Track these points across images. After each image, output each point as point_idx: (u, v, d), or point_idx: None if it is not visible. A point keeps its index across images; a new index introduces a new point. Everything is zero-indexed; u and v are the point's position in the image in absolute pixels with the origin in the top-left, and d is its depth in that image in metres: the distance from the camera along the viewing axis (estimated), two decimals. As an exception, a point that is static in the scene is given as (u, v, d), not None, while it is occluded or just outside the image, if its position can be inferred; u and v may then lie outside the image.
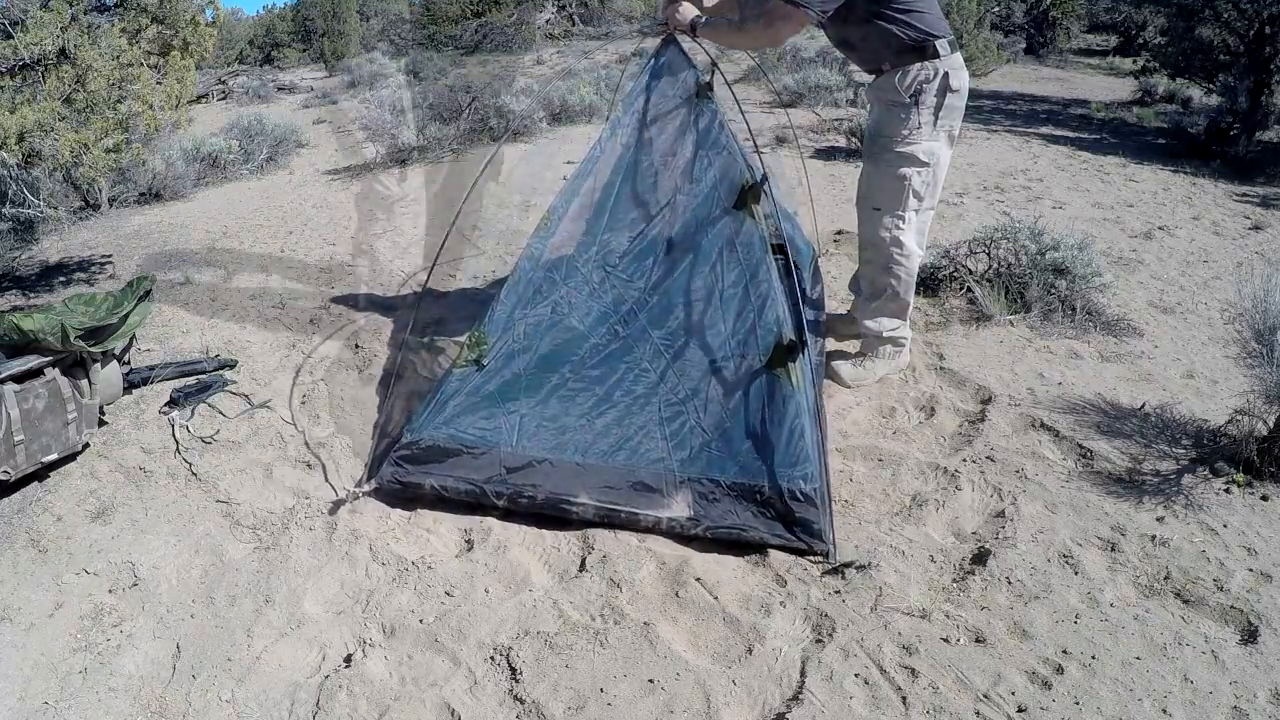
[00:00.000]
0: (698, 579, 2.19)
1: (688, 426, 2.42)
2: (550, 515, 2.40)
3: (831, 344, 3.39)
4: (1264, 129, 7.18)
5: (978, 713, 1.80)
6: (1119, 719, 1.78)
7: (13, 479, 2.49)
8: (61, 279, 4.51)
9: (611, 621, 2.07)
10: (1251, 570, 2.19)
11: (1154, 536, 2.32)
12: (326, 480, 2.65)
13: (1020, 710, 1.80)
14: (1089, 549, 2.28)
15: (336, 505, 2.47)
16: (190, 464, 2.73)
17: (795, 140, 6.33)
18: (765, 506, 2.31)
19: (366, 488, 2.49)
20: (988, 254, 3.87)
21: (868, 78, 2.98)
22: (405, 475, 2.47)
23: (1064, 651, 1.95)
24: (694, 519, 2.32)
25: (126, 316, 2.87)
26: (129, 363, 3.17)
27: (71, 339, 2.58)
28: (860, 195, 2.99)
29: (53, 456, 2.58)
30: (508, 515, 2.44)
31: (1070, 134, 7.97)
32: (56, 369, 2.60)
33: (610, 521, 2.36)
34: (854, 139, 6.69)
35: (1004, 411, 2.93)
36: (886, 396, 3.08)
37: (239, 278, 4.39)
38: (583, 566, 2.26)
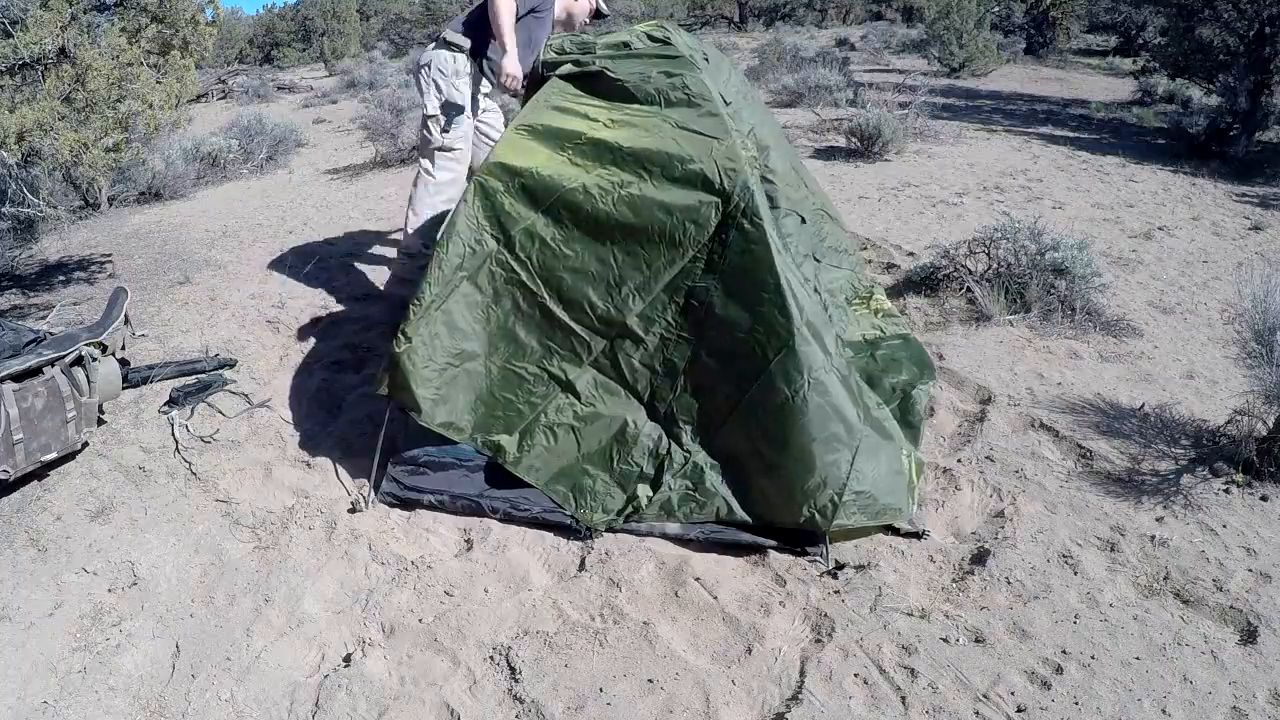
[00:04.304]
0: (697, 579, 2.19)
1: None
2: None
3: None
4: (1264, 129, 7.17)
5: (977, 713, 1.80)
6: (1118, 719, 1.78)
7: (12, 478, 2.48)
8: (61, 278, 4.50)
9: (611, 621, 2.07)
10: (1251, 570, 2.19)
11: (1153, 537, 2.32)
12: (338, 479, 2.65)
13: (1020, 710, 1.80)
14: (1088, 549, 2.28)
15: (353, 509, 2.48)
16: (190, 463, 2.73)
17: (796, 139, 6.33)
18: None
19: (370, 500, 2.49)
20: (987, 254, 3.87)
21: None
22: (402, 491, 2.48)
23: (1063, 651, 1.95)
24: (687, 528, 2.33)
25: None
26: (128, 361, 3.17)
27: None
28: None
29: (52, 455, 2.58)
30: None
31: (1070, 134, 7.97)
32: (56, 367, 2.59)
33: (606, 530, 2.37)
34: (854, 139, 6.69)
35: (1003, 411, 2.93)
36: (886, 396, 3.07)
37: (239, 277, 4.39)
38: (582, 566, 2.26)
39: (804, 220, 3.00)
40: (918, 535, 2.33)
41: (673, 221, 2.34)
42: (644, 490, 2.35)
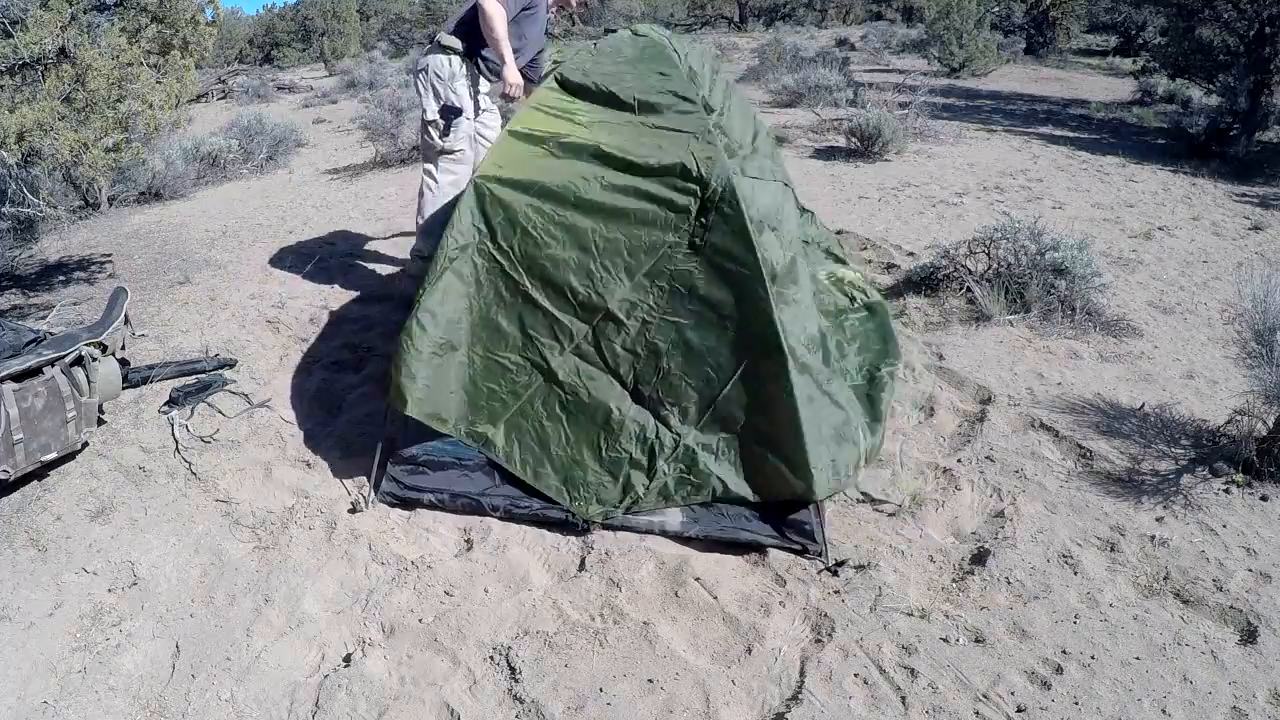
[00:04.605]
0: (697, 579, 2.19)
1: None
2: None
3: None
4: (1264, 129, 7.18)
5: (977, 713, 1.80)
6: (1119, 719, 1.78)
7: (12, 478, 2.48)
8: (61, 278, 4.51)
9: (611, 621, 2.07)
10: (1251, 570, 2.19)
11: (1153, 536, 2.32)
12: (338, 479, 2.65)
13: (1019, 710, 1.80)
14: (1088, 549, 2.28)
15: (353, 509, 2.48)
16: (189, 463, 2.73)
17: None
18: (757, 508, 2.31)
19: (370, 499, 2.49)
20: (987, 254, 3.87)
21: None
22: (402, 491, 2.48)
23: (1063, 651, 1.95)
24: (687, 524, 2.33)
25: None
26: (128, 361, 3.17)
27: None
28: None
29: (52, 455, 2.58)
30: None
31: (1070, 134, 7.97)
32: (56, 367, 2.59)
33: (607, 529, 2.37)
34: (854, 139, 6.69)
35: (1003, 411, 2.93)
36: (886, 396, 3.08)
37: (239, 277, 4.39)
38: (582, 566, 2.26)
39: (788, 185, 3.05)
40: (864, 498, 2.43)
41: (653, 208, 2.36)
42: (639, 479, 2.36)
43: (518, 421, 2.44)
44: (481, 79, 3.66)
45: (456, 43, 3.53)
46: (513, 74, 3.42)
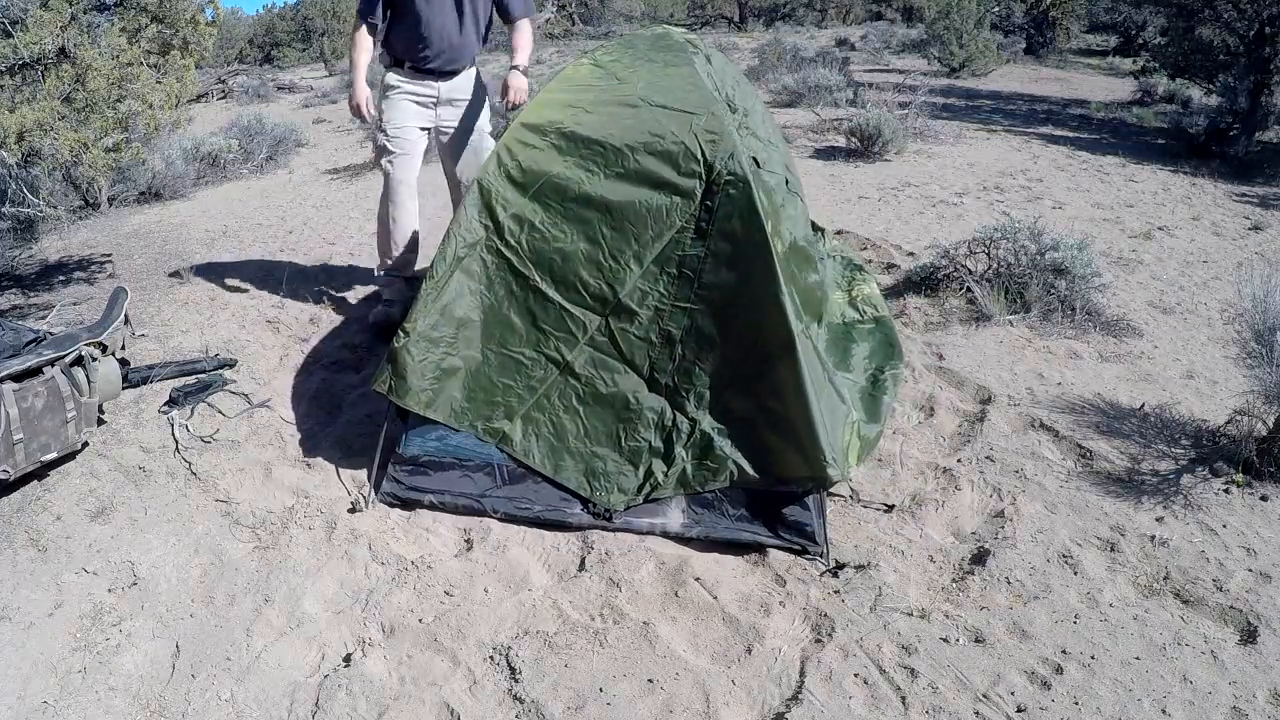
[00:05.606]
0: (697, 579, 2.19)
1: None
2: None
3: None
4: (1264, 129, 7.18)
5: (977, 713, 1.80)
6: (1118, 719, 1.78)
7: (12, 478, 2.48)
8: (61, 278, 4.50)
9: (611, 621, 2.07)
10: (1251, 570, 2.19)
11: (1153, 536, 2.32)
12: (338, 479, 2.65)
13: (1019, 710, 1.80)
14: (1088, 549, 2.28)
15: (353, 509, 2.48)
16: (189, 463, 2.73)
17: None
18: (758, 509, 2.32)
19: (370, 500, 2.49)
20: (987, 254, 3.87)
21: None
22: (403, 491, 2.48)
23: (1063, 651, 1.95)
24: (688, 525, 2.33)
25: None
26: (128, 361, 3.16)
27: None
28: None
29: (52, 455, 2.58)
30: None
31: (1070, 134, 7.97)
32: (56, 367, 2.59)
33: (607, 529, 2.37)
34: (854, 139, 6.69)
35: (1003, 411, 2.93)
36: (886, 396, 3.08)
37: (239, 277, 4.39)
38: (582, 566, 2.26)
39: (789, 185, 3.04)
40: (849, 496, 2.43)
41: (659, 195, 2.36)
42: (659, 466, 2.37)
43: (534, 416, 2.44)
44: (412, 84, 3.41)
45: (385, 55, 3.40)
46: (354, 93, 3.29)
